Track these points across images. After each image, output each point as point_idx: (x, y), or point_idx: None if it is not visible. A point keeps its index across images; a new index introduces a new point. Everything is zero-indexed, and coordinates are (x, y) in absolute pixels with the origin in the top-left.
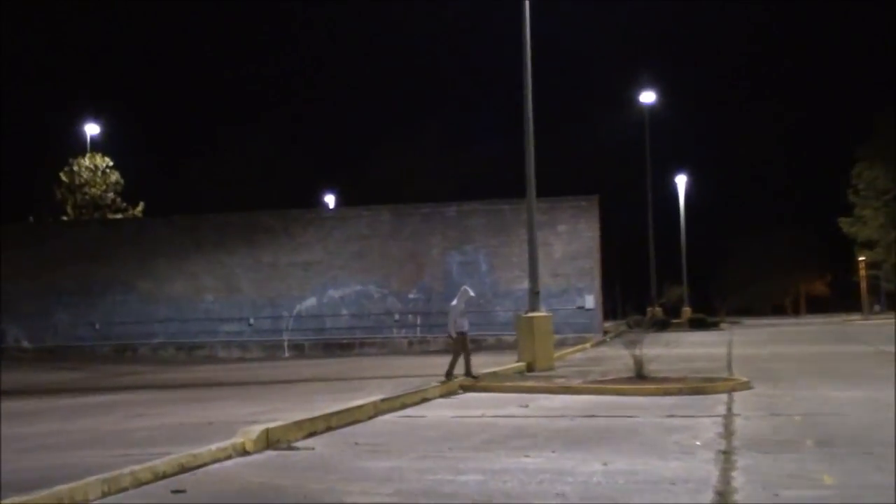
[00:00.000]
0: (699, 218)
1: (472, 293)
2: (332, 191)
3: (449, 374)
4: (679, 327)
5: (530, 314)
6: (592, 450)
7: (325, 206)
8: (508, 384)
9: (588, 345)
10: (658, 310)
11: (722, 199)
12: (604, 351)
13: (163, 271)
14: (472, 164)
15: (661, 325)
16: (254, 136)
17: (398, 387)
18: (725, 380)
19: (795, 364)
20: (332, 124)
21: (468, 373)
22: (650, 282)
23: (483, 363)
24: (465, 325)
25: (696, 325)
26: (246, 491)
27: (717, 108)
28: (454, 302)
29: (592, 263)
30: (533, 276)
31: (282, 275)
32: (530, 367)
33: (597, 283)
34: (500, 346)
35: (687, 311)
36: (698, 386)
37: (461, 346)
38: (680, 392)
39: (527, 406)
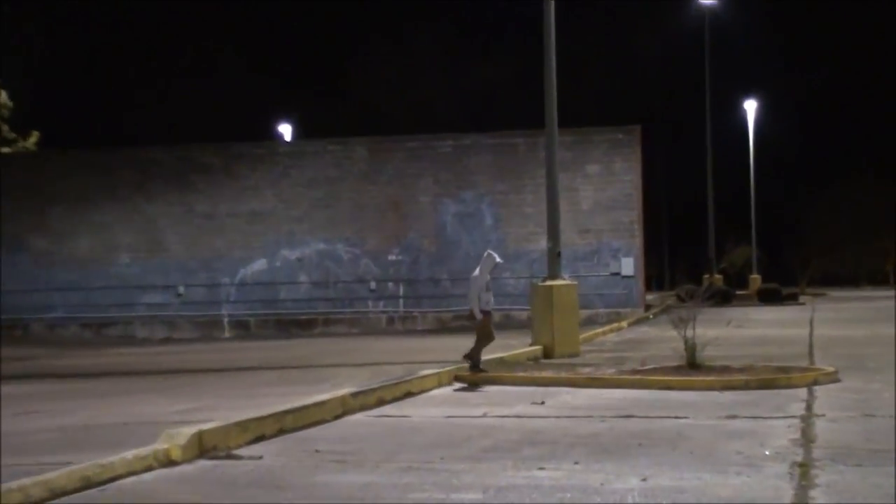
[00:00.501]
0: (774, 159)
1: (498, 259)
2: (290, 118)
3: (475, 365)
4: (745, 301)
5: (549, 283)
6: (628, 461)
7: (281, 137)
8: (520, 374)
9: (624, 323)
10: (718, 278)
11: (805, 135)
12: (645, 331)
13: (62, 223)
14: (479, 84)
15: (722, 298)
16: (189, 42)
17: (374, 377)
18: (805, 370)
19: None
20: (292, 26)
21: (473, 361)
22: (708, 242)
23: (486, 347)
24: (490, 300)
25: (768, 297)
26: None
27: (801, 11)
28: (476, 272)
29: (632, 216)
30: (553, 232)
31: (221, 229)
32: (548, 353)
33: (637, 242)
34: (508, 324)
35: (756, 279)
36: (769, 378)
37: (486, 329)
38: (745, 386)
39: (543, 403)
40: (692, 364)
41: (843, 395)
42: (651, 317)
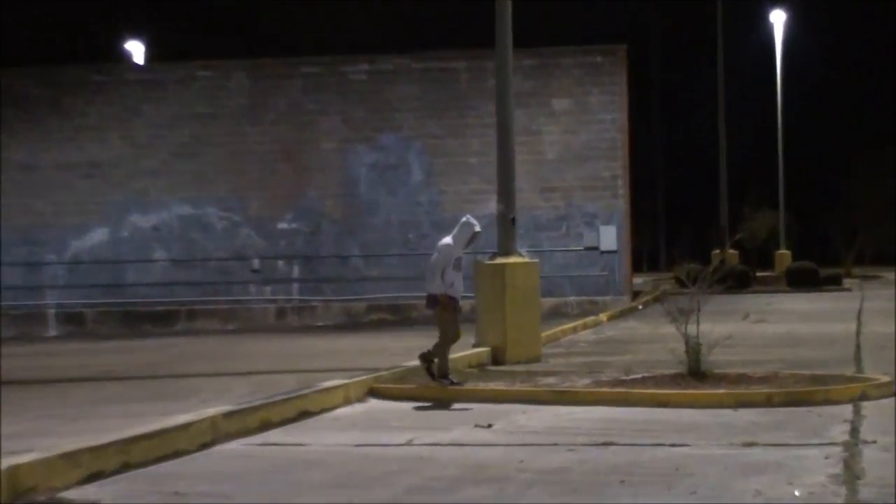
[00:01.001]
0: (809, 94)
1: (477, 228)
2: (142, 33)
3: (443, 374)
4: (770, 285)
5: (500, 260)
6: None
7: (130, 59)
8: (457, 387)
9: (604, 316)
10: (732, 254)
11: (854, 61)
12: (632, 327)
13: None
14: None
15: (738, 282)
16: None
17: (257, 391)
18: (849, 380)
19: None
20: None
21: (438, 369)
22: (718, 205)
23: (411, 348)
24: (459, 284)
25: (801, 280)
26: None
27: None
28: (446, 240)
29: (615, 170)
30: (506, 190)
31: (45, 186)
32: (498, 357)
33: (622, 205)
34: None
35: (784, 256)
36: (800, 391)
37: (452, 321)
38: (767, 402)
39: (490, 426)
40: (696, 372)
41: None
42: (640, 307)
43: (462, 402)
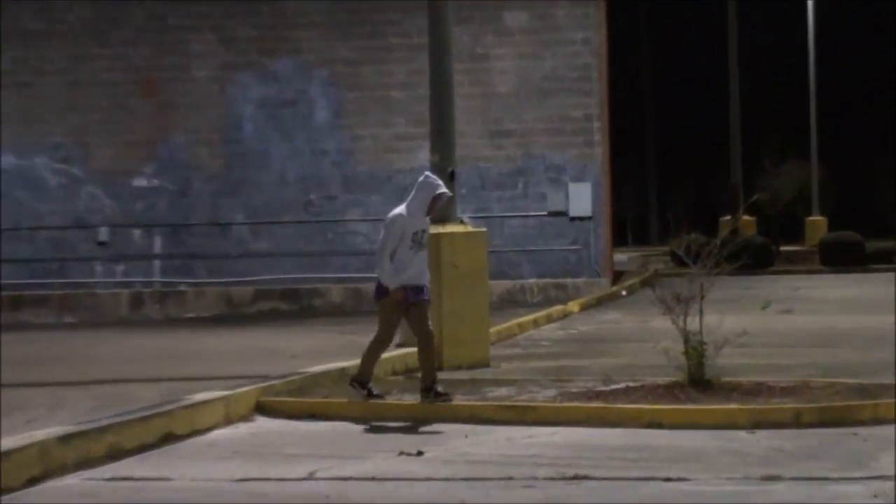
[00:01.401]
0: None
1: (441, 189)
2: None
3: (361, 379)
4: (798, 262)
5: (433, 230)
6: None
7: None
8: (377, 401)
9: (575, 305)
10: (748, 221)
11: None
12: (613, 320)
13: None
14: None
15: (756, 258)
16: None
17: (104, 405)
18: None
19: None
20: None
21: (427, 381)
22: (728, 157)
23: (314, 349)
24: (417, 268)
25: (840, 257)
26: None
27: None
28: (399, 210)
29: (590, 108)
30: (441, 136)
31: None
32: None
33: (599, 155)
34: (358, 306)
35: (817, 224)
36: (838, 407)
37: (395, 323)
38: (794, 421)
39: (421, 454)
40: (698, 380)
41: None
42: (624, 293)
43: (383, 421)
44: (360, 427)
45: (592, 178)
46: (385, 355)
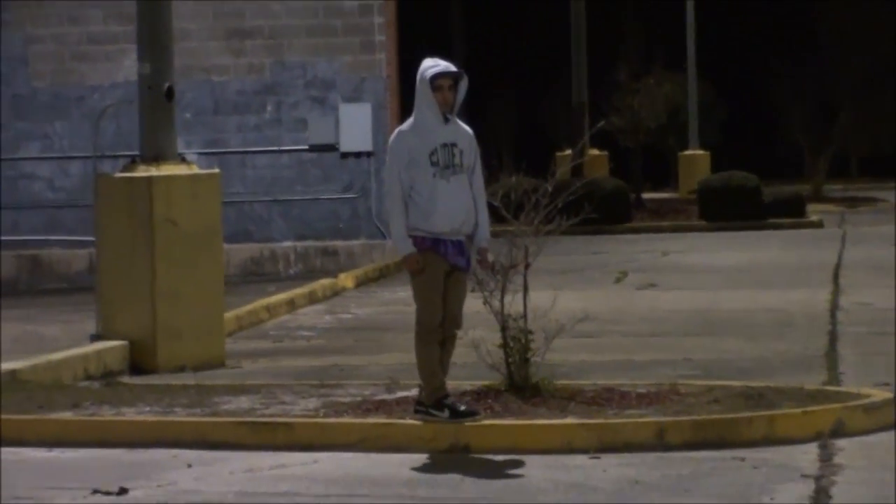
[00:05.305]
0: None
1: (436, 69)
2: None
3: (436, 397)
4: (668, 215)
5: (142, 172)
6: None
7: None
8: (63, 416)
9: (348, 279)
10: (596, 157)
11: None
12: (402, 300)
13: None
14: None
15: (609, 211)
16: None
17: None
18: (813, 397)
19: None
20: None
21: (424, 391)
22: (570, 66)
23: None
24: (443, 206)
25: (727, 208)
26: None
27: None
28: (401, 127)
29: None
30: (153, 37)
31: None
32: (142, 357)
33: (382, 64)
34: (36, 282)
35: (695, 160)
36: (718, 420)
37: (432, 288)
38: (657, 440)
39: (123, 492)
40: (521, 384)
41: None
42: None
43: (67, 448)
44: (40, 453)
45: (374, 97)
46: (74, 352)
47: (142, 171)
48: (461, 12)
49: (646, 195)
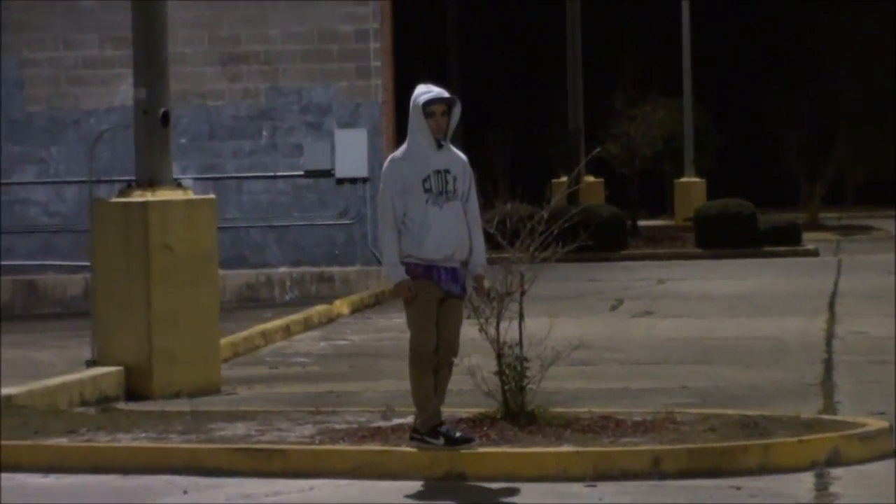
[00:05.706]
0: None
1: (429, 96)
2: None
3: (430, 424)
4: (665, 242)
5: (138, 197)
6: None
7: None
8: (58, 443)
9: (344, 306)
10: (592, 183)
11: None
12: (397, 327)
13: None
14: None
15: (604, 238)
16: None
17: None
18: (809, 427)
19: None
20: None
21: (421, 418)
22: (567, 93)
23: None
24: (435, 232)
25: (723, 235)
26: None
27: None
28: (394, 154)
29: (365, 19)
30: (149, 62)
31: None
32: (138, 383)
33: (379, 90)
34: (32, 307)
35: (691, 189)
36: (714, 448)
37: (425, 316)
38: (653, 468)
39: None
40: (517, 412)
41: None
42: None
43: (63, 474)
44: (42, 479)
45: (370, 122)
46: (69, 377)
47: (137, 197)
48: (457, 38)
49: (641, 222)
